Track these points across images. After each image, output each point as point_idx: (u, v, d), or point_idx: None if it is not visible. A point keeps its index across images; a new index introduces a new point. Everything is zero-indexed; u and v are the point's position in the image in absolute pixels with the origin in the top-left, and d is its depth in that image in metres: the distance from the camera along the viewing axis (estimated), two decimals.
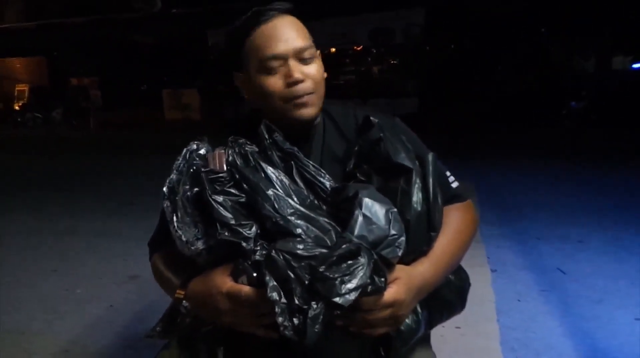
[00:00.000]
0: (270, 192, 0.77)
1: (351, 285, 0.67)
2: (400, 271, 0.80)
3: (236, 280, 0.77)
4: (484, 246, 3.03)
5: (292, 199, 0.79)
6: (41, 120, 14.23)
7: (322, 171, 0.88)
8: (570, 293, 2.40)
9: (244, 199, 0.79)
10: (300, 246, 0.72)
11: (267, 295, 0.68)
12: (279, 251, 0.71)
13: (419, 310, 0.88)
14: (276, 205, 0.76)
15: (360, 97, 10.62)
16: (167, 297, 0.90)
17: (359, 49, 12.92)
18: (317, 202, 0.85)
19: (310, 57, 0.93)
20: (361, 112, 1.01)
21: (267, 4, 0.94)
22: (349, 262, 0.69)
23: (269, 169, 0.82)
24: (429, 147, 0.99)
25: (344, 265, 0.69)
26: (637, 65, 10.56)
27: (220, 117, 11.63)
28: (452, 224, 0.93)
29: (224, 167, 0.82)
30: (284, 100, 0.92)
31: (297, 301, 0.68)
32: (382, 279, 0.72)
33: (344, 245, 0.71)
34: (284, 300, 0.68)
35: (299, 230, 0.74)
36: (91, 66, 15.20)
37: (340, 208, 0.81)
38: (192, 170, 0.84)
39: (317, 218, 0.78)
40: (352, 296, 0.67)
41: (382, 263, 0.74)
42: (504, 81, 10.79)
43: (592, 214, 3.71)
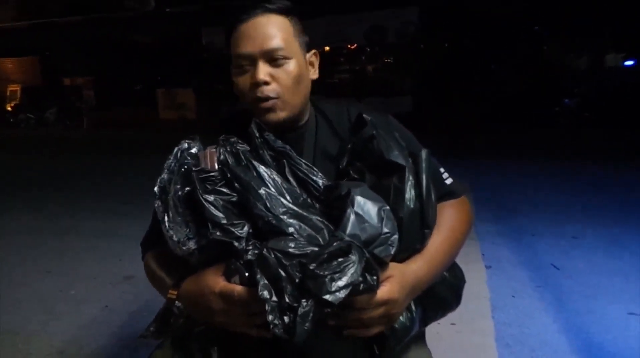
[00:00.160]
0: (262, 191, 0.77)
1: (341, 283, 0.67)
2: (393, 270, 0.79)
3: (229, 279, 0.76)
4: (479, 243, 3.04)
5: (285, 198, 0.78)
6: (34, 120, 14.15)
7: (315, 170, 0.87)
8: (564, 289, 2.41)
9: (235, 198, 0.78)
10: (292, 245, 0.71)
11: (258, 293, 0.68)
12: (270, 250, 0.70)
13: (413, 307, 0.87)
14: (268, 204, 0.76)
15: (354, 96, 10.61)
16: (162, 297, 0.89)
17: (353, 47, 12.90)
18: (309, 200, 0.84)
19: (282, 59, 0.91)
20: (354, 110, 1.00)
21: (259, 2, 0.93)
22: (340, 260, 0.69)
23: (261, 168, 0.81)
24: (424, 145, 0.98)
25: (334, 263, 0.69)
26: (629, 62, 10.62)
27: (216, 116, 11.59)
28: (446, 221, 0.92)
29: (215, 166, 0.81)
30: (251, 101, 0.93)
31: (287, 300, 0.67)
32: (375, 277, 0.71)
33: (334, 243, 0.71)
34: (274, 299, 0.68)
35: (291, 229, 0.74)
36: (84, 66, 15.10)
37: (332, 206, 0.80)
38: (183, 169, 0.83)
39: (309, 216, 0.77)
40: (342, 294, 0.66)
41: (375, 261, 0.73)
42: (498, 80, 10.82)
43: (587, 211, 3.74)
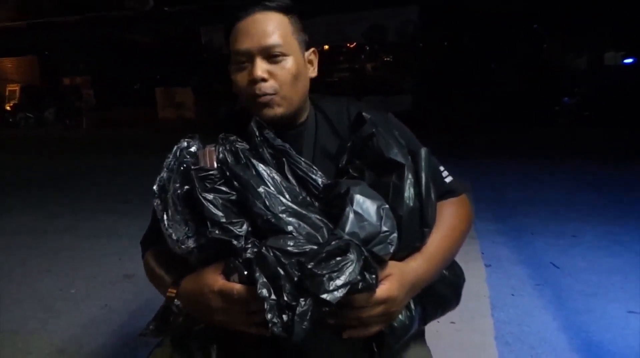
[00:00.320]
0: (261, 189, 0.77)
1: (339, 282, 0.67)
2: (392, 268, 0.79)
3: (228, 278, 0.76)
4: (479, 242, 3.04)
5: (284, 197, 0.78)
6: (33, 120, 14.13)
7: (314, 168, 0.87)
8: (564, 287, 2.41)
9: (234, 196, 0.78)
10: (291, 243, 0.71)
11: (257, 291, 0.68)
12: (269, 248, 0.70)
13: (412, 306, 0.87)
14: (267, 203, 0.76)
15: (354, 94, 10.61)
16: (162, 296, 0.89)
17: (353, 46, 12.89)
18: (309, 199, 0.84)
19: (280, 56, 0.92)
20: (354, 108, 1.00)
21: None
22: (338, 259, 0.69)
23: (260, 167, 0.81)
24: (423, 144, 0.98)
25: (332, 262, 0.68)
26: (629, 60, 10.62)
27: (214, 115, 11.59)
28: (446, 219, 0.92)
29: (215, 164, 0.81)
30: (248, 97, 0.93)
31: (286, 298, 0.67)
32: (374, 276, 0.71)
33: (333, 242, 0.71)
34: (273, 297, 0.68)
35: (290, 228, 0.74)
36: (83, 65, 15.10)
37: (332, 204, 0.80)
38: (182, 168, 0.83)
39: (308, 215, 0.77)
40: (340, 293, 0.66)
41: (374, 260, 0.73)
42: (498, 79, 10.81)
43: (586, 209, 3.73)
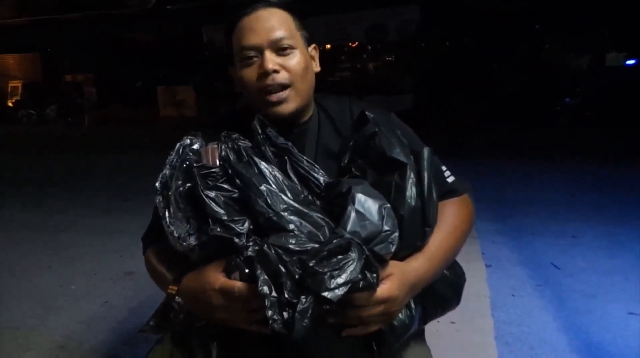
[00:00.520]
0: (263, 187, 0.77)
1: (340, 280, 0.67)
2: (393, 267, 0.79)
3: (229, 276, 0.76)
4: (479, 242, 3.04)
5: (286, 195, 0.78)
6: (35, 117, 14.11)
7: (316, 167, 0.87)
8: (564, 287, 2.41)
9: (236, 194, 0.78)
10: (292, 241, 0.71)
11: (258, 288, 0.68)
12: (271, 246, 0.71)
13: (413, 305, 0.87)
14: (269, 201, 0.76)
15: (356, 93, 10.60)
16: (163, 293, 0.90)
17: (354, 45, 12.89)
18: (310, 197, 0.84)
19: (289, 49, 0.92)
20: (357, 107, 1.01)
21: None
22: (339, 257, 0.69)
23: (262, 165, 0.81)
24: (424, 143, 0.98)
25: (334, 260, 0.69)
26: (630, 61, 10.59)
27: (216, 113, 11.58)
28: (448, 219, 0.92)
29: (217, 162, 0.81)
30: (259, 92, 0.92)
31: (286, 295, 0.67)
32: (374, 275, 0.71)
33: (335, 240, 0.71)
34: (274, 294, 0.68)
35: (291, 226, 0.74)
36: (85, 63, 15.08)
37: (333, 203, 0.81)
38: (185, 165, 0.84)
39: (310, 213, 0.77)
40: (341, 291, 0.66)
41: (375, 259, 0.73)
42: (499, 78, 10.80)
43: (586, 210, 3.73)
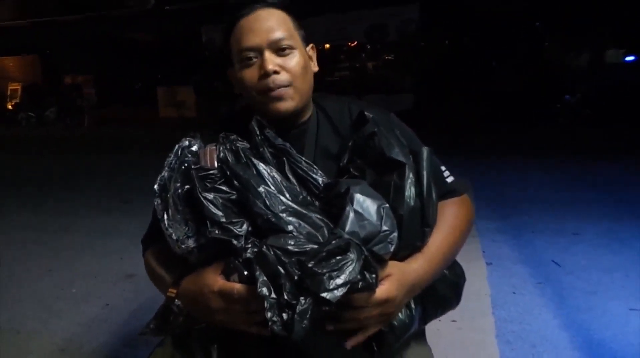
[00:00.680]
0: (261, 189, 0.77)
1: (339, 281, 0.67)
2: (393, 268, 0.79)
3: (228, 278, 0.76)
4: (479, 240, 3.04)
5: (284, 196, 0.78)
6: (35, 119, 14.11)
7: (315, 167, 0.87)
8: (565, 285, 2.41)
9: (235, 196, 0.78)
10: (291, 242, 0.71)
11: (257, 290, 0.68)
12: (270, 247, 0.70)
13: (413, 305, 0.87)
14: (267, 202, 0.76)
15: (355, 93, 10.60)
16: (163, 295, 0.89)
17: (354, 45, 12.89)
18: (309, 198, 0.84)
19: (288, 49, 0.92)
20: (356, 107, 1.00)
21: None
22: (338, 258, 0.69)
23: (261, 166, 0.81)
24: (424, 143, 0.98)
25: (333, 261, 0.69)
26: (630, 58, 10.58)
27: (215, 114, 11.58)
28: (447, 219, 0.92)
29: (215, 164, 0.81)
30: (259, 92, 0.92)
31: (286, 297, 0.67)
32: (374, 276, 0.71)
33: (333, 241, 0.71)
34: (273, 295, 0.68)
35: (290, 227, 0.74)
36: (85, 64, 15.07)
37: (332, 204, 0.81)
38: (183, 167, 0.84)
39: (309, 214, 0.77)
40: (340, 292, 0.66)
41: (374, 259, 0.73)
42: (498, 77, 10.79)
43: (586, 207, 3.73)
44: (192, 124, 11.13)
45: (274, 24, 0.91)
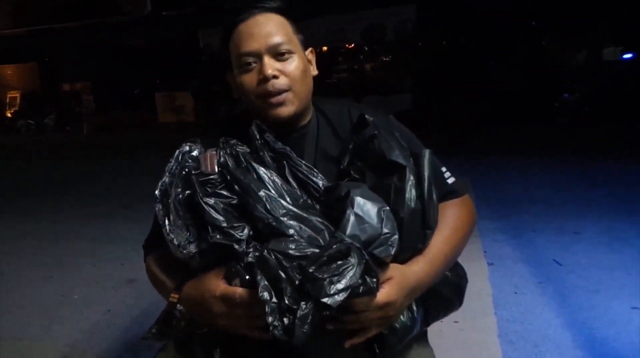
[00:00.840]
0: (262, 193, 0.77)
1: (340, 286, 0.67)
2: (394, 271, 0.79)
3: (229, 282, 0.76)
4: (481, 240, 3.04)
5: (285, 200, 0.78)
6: (34, 127, 14.12)
7: (315, 171, 0.87)
8: (566, 284, 2.41)
9: (235, 201, 0.78)
10: (292, 246, 0.71)
11: (259, 294, 0.68)
12: (271, 251, 0.71)
13: (415, 307, 0.87)
14: (268, 206, 0.76)
15: (353, 95, 10.61)
16: (164, 300, 0.89)
17: (351, 46, 12.90)
18: (310, 202, 0.84)
19: (287, 53, 0.92)
20: (355, 110, 1.00)
21: (255, 2, 0.94)
22: (339, 262, 0.69)
23: (261, 170, 0.81)
24: (424, 143, 0.98)
25: (333, 265, 0.69)
26: (628, 55, 10.60)
27: (214, 119, 11.59)
28: (448, 221, 0.92)
29: (216, 169, 0.81)
30: (259, 97, 0.92)
31: (287, 301, 0.67)
32: (374, 280, 0.71)
33: (334, 245, 0.71)
34: (274, 300, 0.68)
35: (291, 231, 0.74)
36: (83, 71, 15.09)
37: (332, 207, 0.81)
38: (184, 173, 0.84)
39: (310, 218, 0.77)
40: (341, 297, 0.66)
41: (375, 262, 0.73)
42: (497, 77, 10.79)
43: (587, 206, 3.73)
44: (191, 128, 11.14)
45: (272, 29, 0.92)
